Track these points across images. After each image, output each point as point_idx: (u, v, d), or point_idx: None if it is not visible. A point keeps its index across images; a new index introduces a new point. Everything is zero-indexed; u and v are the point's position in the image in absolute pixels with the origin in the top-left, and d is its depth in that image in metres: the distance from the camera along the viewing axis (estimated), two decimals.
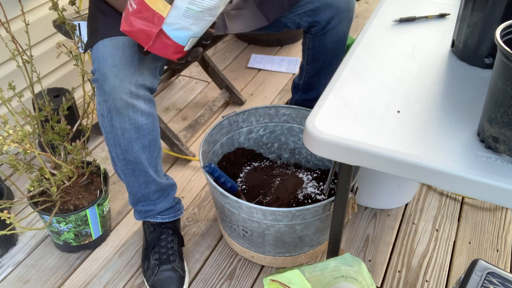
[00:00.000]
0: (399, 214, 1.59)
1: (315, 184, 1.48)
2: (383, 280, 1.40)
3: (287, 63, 2.32)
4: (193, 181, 1.72)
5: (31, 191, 1.34)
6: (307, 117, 0.89)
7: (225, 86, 2.04)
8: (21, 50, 1.26)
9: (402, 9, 1.22)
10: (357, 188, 1.26)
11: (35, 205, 1.36)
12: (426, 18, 1.19)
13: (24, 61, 1.28)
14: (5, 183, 1.51)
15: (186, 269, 1.39)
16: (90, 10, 1.30)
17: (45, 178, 1.35)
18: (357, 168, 1.25)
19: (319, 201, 1.39)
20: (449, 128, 0.86)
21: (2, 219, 1.19)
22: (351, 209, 1.16)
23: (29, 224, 1.56)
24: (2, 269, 1.43)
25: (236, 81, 2.19)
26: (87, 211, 1.37)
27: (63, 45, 1.33)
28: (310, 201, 1.42)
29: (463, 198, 1.64)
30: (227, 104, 2.08)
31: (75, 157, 1.38)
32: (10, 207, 1.43)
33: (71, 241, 1.42)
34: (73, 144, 1.37)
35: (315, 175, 1.52)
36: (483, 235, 1.52)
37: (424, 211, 1.60)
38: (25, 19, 1.26)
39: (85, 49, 1.25)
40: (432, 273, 1.41)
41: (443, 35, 1.13)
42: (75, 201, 1.39)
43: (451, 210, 1.60)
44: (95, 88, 1.14)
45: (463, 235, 1.52)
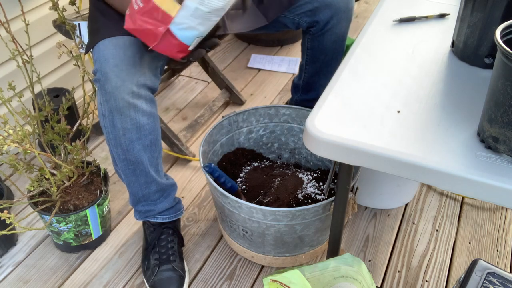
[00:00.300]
0: (399, 214, 1.59)
1: (315, 184, 1.48)
2: (383, 280, 1.40)
3: (287, 63, 2.32)
4: (193, 181, 1.72)
5: (31, 191, 1.34)
6: (307, 117, 0.89)
7: (225, 86, 2.04)
8: (21, 50, 1.26)
9: (402, 9, 1.22)
10: (357, 188, 1.26)
11: (35, 205, 1.36)
12: (426, 18, 1.19)
13: (24, 61, 1.28)
14: (5, 183, 1.51)
15: (186, 269, 1.39)
16: (90, 10, 1.30)
17: (45, 178, 1.35)
18: (357, 168, 1.25)
19: (319, 201, 1.39)
20: (449, 128, 0.86)
21: (2, 219, 1.19)
22: (351, 209, 1.16)
23: (29, 224, 1.56)
24: (2, 269, 1.43)
25: (236, 81, 2.19)
26: (87, 211, 1.37)
27: (63, 45, 1.33)
28: (310, 201, 1.42)
29: (463, 198, 1.64)
30: (227, 104, 2.08)
31: (75, 157, 1.38)
32: (10, 207, 1.43)
33: (71, 241, 1.42)
34: (73, 144, 1.37)
35: (315, 175, 1.52)
36: (483, 235, 1.52)
37: (424, 211, 1.60)
38: (25, 19, 1.26)
39: (86, 49, 1.25)
40: (432, 273, 1.41)
41: (443, 35, 1.13)
42: (75, 201, 1.39)
43: (451, 210, 1.60)
44: (96, 88, 1.15)
45: (463, 235, 1.52)
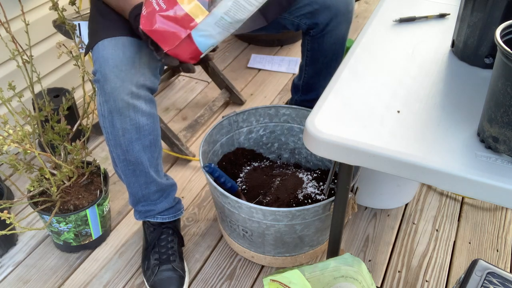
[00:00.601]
0: (399, 214, 1.59)
1: (315, 184, 1.48)
2: (383, 280, 1.40)
3: (287, 63, 2.32)
4: (193, 181, 1.72)
5: (31, 191, 1.34)
6: (307, 117, 0.89)
7: (225, 86, 2.04)
8: (21, 50, 1.26)
9: (402, 9, 1.22)
10: (357, 188, 1.26)
11: (35, 205, 1.36)
12: (426, 18, 1.19)
13: (24, 61, 1.28)
14: (5, 183, 1.51)
15: (186, 269, 1.39)
16: (90, 11, 1.30)
17: (45, 178, 1.35)
18: (357, 168, 1.25)
19: (319, 201, 1.39)
20: (449, 128, 0.86)
21: (2, 219, 1.19)
22: (351, 209, 1.16)
23: (29, 224, 1.56)
24: (2, 269, 1.43)
25: (236, 81, 2.19)
26: (87, 211, 1.37)
27: (63, 45, 1.33)
28: (310, 201, 1.42)
29: (463, 198, 1.64)
30: (227, 104, 2.08)
31: (75, 157, 1.38)
32: (10, 207, 1.43)
33: (71, 241, 1.42)
34: (73, 144, 1.37)
35: (315, 175, 1.52)
36: (483, 235, 1.52)
37: (424, 211, 1.60)
38: (25, 19, 1.26)
39: (86, 50, 1.25)
40: (432, 273, 1.41)
41: (443, 35, 1.13)
42: (75, 201, 1.39)
43: (451, 210, 1.60)
44: (96, 88, 1.15)
45: (463, 235, 1.52)
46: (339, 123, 0.87)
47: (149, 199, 1.31)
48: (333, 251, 1.16)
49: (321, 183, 1.49)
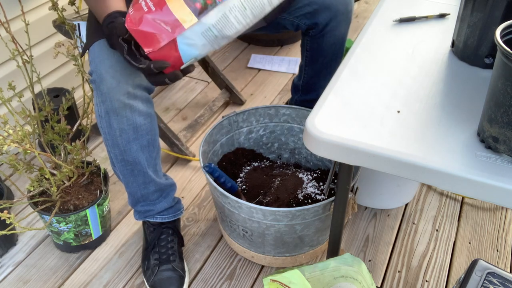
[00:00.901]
0: (399, 214, 1.59)
1: (315, 184, 1.48)
2: (383, 280, 1.40)
3: (287, 63, 2.32)
4: (193, 181, 1.72)
5: (31, 191, 1.34)
6: (307, 117, 0.89)
7: (225, 86, 2.04)
8: (21, 50, 1.26)
9: (402, 9, 1.22)
10: (357, 188, 1.26)
11: (35, 205, 1.36)
12: (426, 18, 1.19)
13: (24, 61, 1.28)
14: (5, 183, 1.51)
15: (186, 269, 1.39)
16: (89, 12, 1.30)
17: (45, 178, 1.35)
18: (357, 168, 1.25)
19: (319, 201, 1.39)
20: (449, 128, 0.86)
21: (2, 219, 1.19)
22: (351, 209, 1.16)
23: (29, 224, 1.56)
24: (2, 269, 1.43)
25: (236, 81, 2.19)
26: (87, 211, 1.37)
27: (63, 45, 1.33)
28: (310, 201, 1.42)
29: (463, 198, 1.64)
30: (227, 104, 2.08)
31: (75, 157, 1.38)
32: (10, 207, 1.43)
33: (71, 241, 1.42)
34: (73, 144, 1.37)
35: (315, 175, 1.52)
36: (483, 235, 1.52)
37: (424, 211, 1.60)
38: (25, 19, 1.26)
39: (83, 51, 1.25)
40: (432, 273, 1.41)
41: (443, 35, 1.13)
42: (75, 201, 1.39)
43: (451, 210, 1.60)
44: (93, 89, 1.14)
45: (463, 235, 1.52)
46: (339, 123, 0.87)
47: (148, 199, 1.31)
48: (333, 251, 1.16)
49: (321, 183, 1.49)
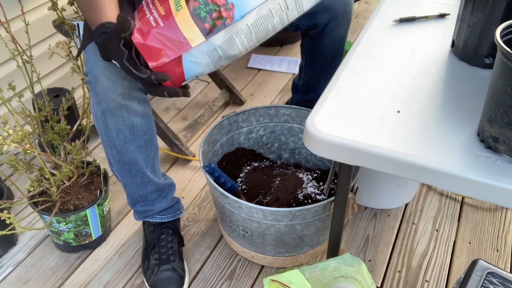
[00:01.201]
0: (399, 214, 1.59)
1: (315, 184, 1.48)
2: (383, 280, 1.40)
3: (287, 63, 2.32)
4: (193, 181, 1.72)
5: (31, 191, 1.34)
6: (307, 117, 0.89)
7: (225, 86, 2.04)
8: (21, 50, 1.26)
9: (402, 9, 1.22)
10: (357, 188, 1.26)
11: (35, 205, 1.36)
12: (426, 18, 1.19)
13: (24, 61, 1.28)
14: (5, 183, 1.51)
15: (186, 269, 1.39)
16: None
17: (45, 178, 1.35)
18: (357, 168, 1.25)
19: (319, 201, 1.39)
20: (449, 128, 0.86)
21: (2, 219, 1.19)
22: (351, 209, 1.16)
23: (29, 224, 1.56)
24: (2, 269, 1.43)
25: (236, 81, 2.19)
26: (87, 211, 1.37)
27: (64, 43, 1.33)
28: (310, 201, 1.42)
29: (463, 198, 1.64)
30: (227, 104, 2.08)
31: (75, 157, 1.38)
32: (10, 207, 1.43)
33: (71, 241, 1.42)
34: (73, 144, 1.37)
35: (315, 175, 1.52)
36: (483, 235, 1.52)
37: (424, 211, 1.60)
38: (25, 19, 1.26)
39: (79, 51, 1.24)
40: (432, 273, 1.41)
41: (443, 35, 1.13)
42: (75, 201, 1.39)
43: (451, 210, 1.60)
44: (89, 90, 1.14)
45: (463, 235, 1.52)
46: (339, 123, 0.87)
47: (147, 199, 1.31)
48: (333, 251, 1.16)
49: (321, 183, 1.49)
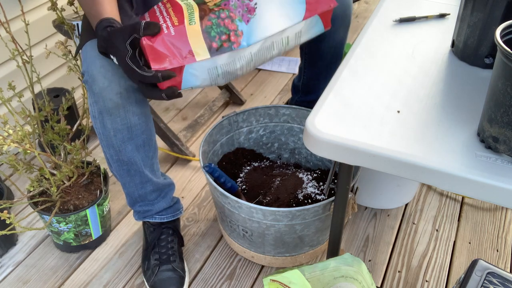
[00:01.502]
0: (399, 214, 1.59)
1: (315, 184, 1.48)
2: (383, 280, 1.40)
3: (287, 63, 2.32)
4: (193, 181, 1.72)
5: (31, 191, 1.34)
6: (307, 117, 0.89)
7: (225, 86, 2.04)
8: (21, 50, 1.26)
9: (402, 9, 1.22)
10: (357, 188, 1.26)
11: (35, 205, 1.36)
12: (426, 18, 1.19)
13: (24, 61, 1.28)
14: (5, 183, 1.51)
15: (186, 269, 1.39)
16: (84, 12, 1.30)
17: (45, 178, 1.35)
18: (357, 168, 1.25)
19: (319, 201, 1.39)
20: (449, 128, 0.86)
21: (2, 219, 1.19)
22: (351, 209, 1.16)
23: (29, 224, 1.56)
24: (2, 269, 1.43)
25: (236, 81, 2.19)
26: (87, 211, 1.37)
27: (62, 44, 1.33)
28: (310, 201, 1.42)
29: (463, 198, 1.64)
30: (227, 104, 2.08)
31: (74, 157, 1.38)
32: (10, 207, 1.43)
33: (71, 241, 1.42)
34: (73, 143, 1.37)
35: (315, 175, 1.52)
36: (483, 235, 1.52)
37: (424, 211, 1.60)
38: (25, 19, 1.26)
39: (76, 50, 1.24)
40: (432, 273, 1.41)
41: (443, 35, 1.13)
42: (75, 201, 1.39)
43: (451, 210, 1.60)
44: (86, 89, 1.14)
45: (463, 235, 1.52)
46: (339, 123, 0.87)
47: (146, 199, 1.31)
48: (333, 251, 1.16)
49: (321, 183, 1.49)
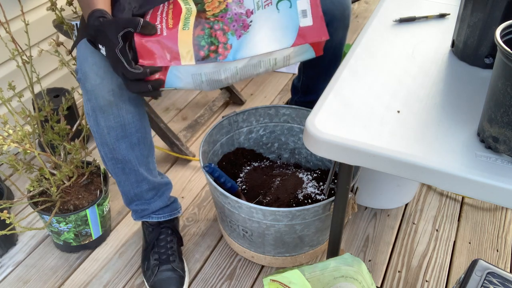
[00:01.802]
0: (399, 214, 1.59)
1: (315, 184, 1.48)
2: (383, 280, 1.40)
3: None
4: (193, 181, 1.72)
5: (31, 191, 1.34)
6: (307, 117, 0.89)
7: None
8: (20, 50, 1.26)
9: (402, 9, 1.22)
10: (357, 188, 1.26)
11: (35, 205, 1.36)
12: (426, 18, 1.19)
13: (24, 61, 1.28)
14: (5, 183, 1.51)
15: (186, 269, 1.39)
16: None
17: (45, 178, 1.35)
18: (357, 168, 1.25)
19: (319, 201, 1.39)
20: (449, 128, 0.86)
21: (2, 219, 1.19)
22: (351, 209, 1.16)
23: (29, 224, 1.56)
24: (2, 269, 1.43)
25: None
26: (87, 211, 1.37)
27: (62, 43, 1.34)
28: (310, 201, 1.42)
29: (463, 198, 1.64)
30: (227, 104, 2.08)
31: (74, 157, 1.38)
32: (10, 207, 1.43)
33: (71, 241, 1.42)
34: (72, 143, 1.37)
35: (315, 175, 1.52)
36: (483, 235, 1.52)
37: (424, 211, 1.60)
38: (25, 19, 1.26)
39: (71, 48, 1.24)
40: (432, 273, 1.41)
41: (443, 35, 1.13)
42: (75, 201, 1.39)
43: (451, 210, 1.60)
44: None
45: (463, 235, 1.52)
46: (339, 123, 0.87)
47: (142, 198, 1.31)
48: (333, 251, 1.16)
49: (321, 183, 1.49)
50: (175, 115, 2.04)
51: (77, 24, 1.47)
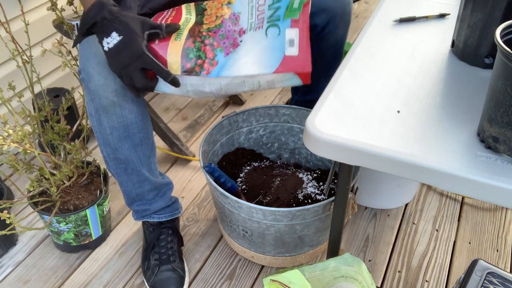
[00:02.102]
0: (399, 214, 1.59)
1: (315, 184, 1.48)
2: (383, 280, 1.40)
3: None
4: (193, 181, 1.72)
5: (31, 191, 1.34)
6: (307, 117, 0.89)
7: None
8: (21, 50, 1.26)
9: (402, 9, 1.22)
10: (357, 188, 1.26)
11: (35, 205, 1.36)
12: (426, 18, 1.19)
13: (24, 61, 1.28)
14: (5, 183, 1.51)
15: (186, 269, 1.39)
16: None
17: (45, 178, 1.35)
18: (357, 168, 1.25)
19: (319, 201, 1.39)
20: (449, 128, 0.86)
21: (2, 219, 1.20)
22: (351, 209, 1.16)
23: (29, 224, 1.56)
24: (2, 269, 1.43)
25: None
26: (87, 211, 1.37)
27: (56, 40, 1.33)
28: (310, 201, 1.42)
29: (463, 198, 1.64)
30: (227, 104, 2.08)
31: (74, 157, 1.38)
32: (10, 207, 1.43)
33: (71, 241, 1.42)
34: (72, 143, 1.37)
35: (315, 175, 1.52)
36: (483, 235, 1.52)
37: (424, 211, 1.60)
38: (25, 19, 1.26)
39: (73, 45, 1.24)
40: (432, 273, 1.41)
41: (443, 35, 1.13)
42: (75, 201, 1.39)
43: (451, 210, 1.60)
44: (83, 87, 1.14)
45: (463, 235, 1.52)
46: (339, 123, 0.87)
47: (144, 198, 1.31)
48: (333, 251, 1.16)
49: (321, 183, 1.49)
50: (175, 115, 2.04)
51: (77, 24, 1.47)
